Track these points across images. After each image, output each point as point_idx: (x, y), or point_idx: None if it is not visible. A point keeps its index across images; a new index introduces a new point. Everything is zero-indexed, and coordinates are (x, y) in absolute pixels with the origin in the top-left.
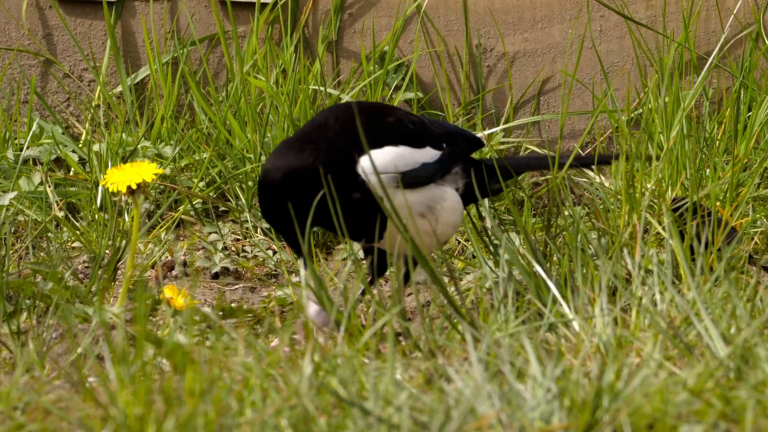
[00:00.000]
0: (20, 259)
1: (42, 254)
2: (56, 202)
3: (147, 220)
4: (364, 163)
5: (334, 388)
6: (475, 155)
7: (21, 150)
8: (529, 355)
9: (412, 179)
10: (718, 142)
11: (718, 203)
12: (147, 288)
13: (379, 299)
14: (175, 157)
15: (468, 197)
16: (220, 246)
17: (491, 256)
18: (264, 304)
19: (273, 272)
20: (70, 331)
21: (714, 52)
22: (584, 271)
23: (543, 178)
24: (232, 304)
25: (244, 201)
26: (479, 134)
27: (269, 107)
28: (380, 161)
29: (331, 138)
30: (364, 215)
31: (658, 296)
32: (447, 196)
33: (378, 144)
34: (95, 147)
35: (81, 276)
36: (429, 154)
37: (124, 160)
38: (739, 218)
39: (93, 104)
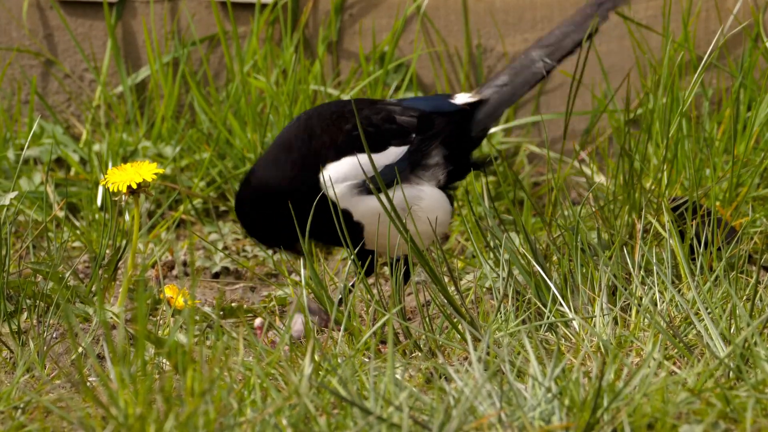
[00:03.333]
0: (21, 258)
1: (42, 254)
2: (57, 202)
3: (147, 220)
4: (324, 178)
5: (334, 388)
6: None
7: (22, 150)
8: (529, 354)
9: (374, 183)
10: (717, 141)
11: (717, 203)
12: (147, 288)
13: (378, 298)
14: (175, 157)
15: (454, 178)
16: (220, 245)
17: (491, 256)
18: (264, 304)
19: (273, 272)
20: (71, 331)
21: (709, 51)
22: (584, 270)
23: (542, 177)
24: (233, 304)
25: None
26: (465, 98)
27: (269, 107)
28: (335, 174)
29: (295, 154)
30: (335, 226)
31: (657, 296)
32: (424, 195)
33: (336, 155)
34: (96, 147)
35: (81, 276)
36: (392, 154)
37: (125, 160)
38: (739, 218)
39: (93, 104)
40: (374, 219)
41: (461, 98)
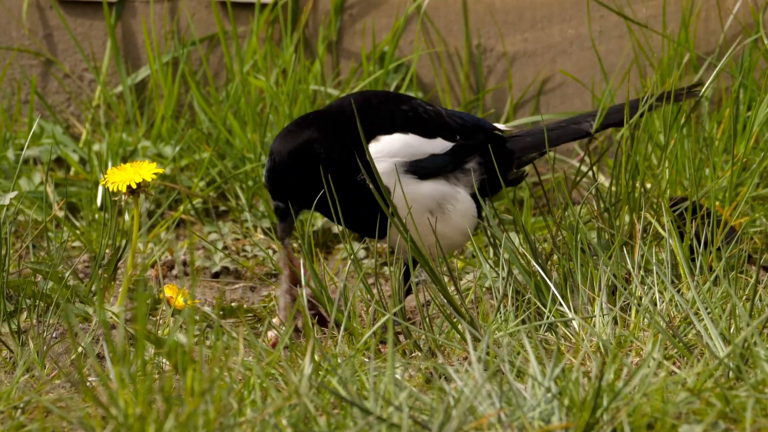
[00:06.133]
0: (20, 258)
1: (42, 254)
2: (56, 201)
3: (147, 220)
4: (370, 148)
5: (334, 388)
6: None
7: (21, 150)
8: (529, 354)
9: (419, 169)
10: (717, 141)
11: (717, 203)
12: (147, 287)
13: (379, 298)
14: (175, 157)
15: (485, 192)
16: (220, 245)
17: (491, 255)
18: (264, 304)
19: (273, 272)
20: (71, 331)
21: (714, 53)
22: (584, 270)
23: (543, 177)
24: (232, 304)
25: (244, 200)
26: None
27: (269, 107)
28: (387, 147)
29: (343, 122)
30: (368, 205)
31: (657, 296)
32: (460, 197)
33: (388, 130)
34: (95, 147)
35: (81, 275)
36: (439, 146)
37: (125, 160)
38: (739, 218)
39: (93, 104)
40: (409, 202)
41: (500, 126)
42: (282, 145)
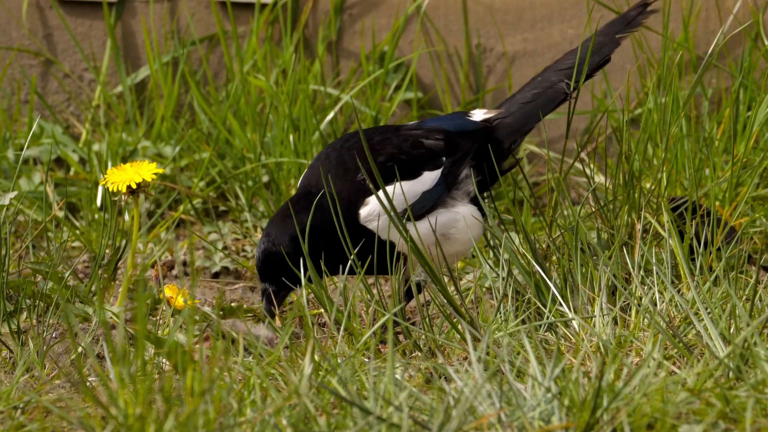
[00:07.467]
0: (20, 258)
1: (42, 254)
2: (56, 201)
3: (147, 220)
4: (362, 213)
5: (334, 388)
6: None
7: (21, 150)
8: (529, 354)
9: (414, 211)
10: (717, 141)
11: (717, 203)
12: (147, 287)
13: (378, 298)
14: (175, 157)
15: (484, 188)
16: (220, 245)
17: (491, 256)
18: None
19: None
20: (71, 331)
21: (710, 52)
22: (584, 270)
23: (542, 177)
24: (232, 304)
25: (244, 200)
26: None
27: (269, 107)
28: (377, 208)
29: (325, 191)
30: (377, 257)
31: (657, 296)
32: (460, 216)
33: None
34: (95, 147)
35: (81, 275)
36: (428, 180)
37: (124, 160)
38: (739, 218)
39: (93, 104)
40: (415, 246)
41: (479, 114)
42: (279, 230)
